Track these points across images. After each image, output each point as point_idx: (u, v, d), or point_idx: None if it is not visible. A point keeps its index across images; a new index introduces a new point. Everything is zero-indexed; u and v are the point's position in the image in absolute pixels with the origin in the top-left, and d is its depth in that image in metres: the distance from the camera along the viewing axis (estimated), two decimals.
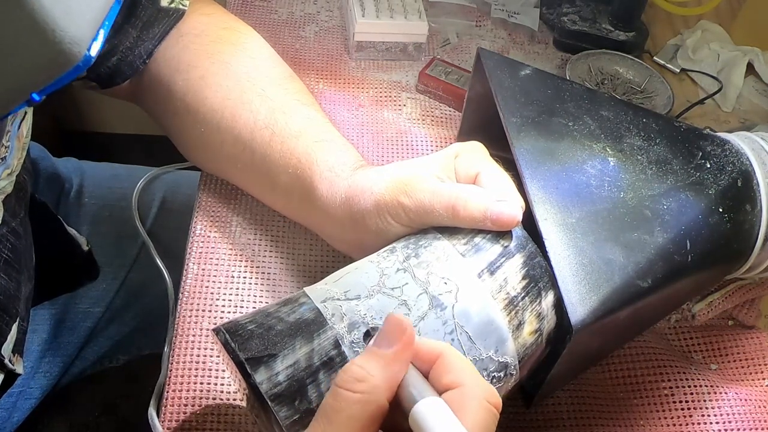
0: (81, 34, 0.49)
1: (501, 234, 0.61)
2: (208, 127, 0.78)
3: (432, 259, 0.59)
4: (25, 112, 0.71)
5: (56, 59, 0.49)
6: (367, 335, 0.53)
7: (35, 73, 0.49)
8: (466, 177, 0.65)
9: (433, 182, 0.64)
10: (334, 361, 0.53)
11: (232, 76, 0.79)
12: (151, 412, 0.69)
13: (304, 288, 0.59)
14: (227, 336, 0.54)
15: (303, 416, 0.51)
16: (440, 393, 0.49)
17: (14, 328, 0.74)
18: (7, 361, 0.74)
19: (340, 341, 0.54)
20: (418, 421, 0.46)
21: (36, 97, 0.50)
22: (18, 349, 0.77)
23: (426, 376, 0.50)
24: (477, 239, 0.60)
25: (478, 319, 0.56)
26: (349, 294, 0.56)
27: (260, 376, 0.52)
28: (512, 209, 0.60)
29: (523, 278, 0.58)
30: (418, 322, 0.55)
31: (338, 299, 0.56)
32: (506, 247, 0.60)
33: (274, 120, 0.75)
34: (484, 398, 0.48)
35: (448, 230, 0.62)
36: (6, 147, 0.68)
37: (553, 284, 0.59)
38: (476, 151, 0.67)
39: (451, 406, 0.47)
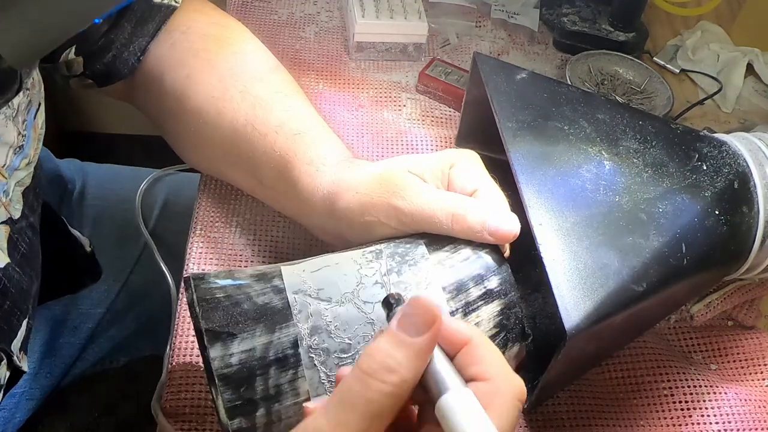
0: None
1: (489, 275, 0.60)
2: (197, 126, 0.78)
3: (412, 283, 0.58)
4: (40, 103, 0.72)
5: None
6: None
7: None
8: (461, 191, 0.65)
9: (431, 188, 0.64)
10: (289, 361, 0.53)
11: (216, 73, 0.78)
12: (155, 405, 0.69)
13: (281, 266, 0.59)
14: (195, 297, 0.54)
15: (244, 404, 0.52)
16: (467, 382, 0.48)
17: (24, 324, 0.75)
18: (15, 357, 0.74)
19: (299, 342, 0.54)
20: (446, 414, 0.45)
21: (97, 20, 0.52)
22: (24, 346, 0.77)
23: (450, 358, 0.49)
24: (462, 274, 0.59)
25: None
26: (322, 294, 0.56)
27: (215, 352, 0.52)
28: (511, 223, 0.60)
29: (495, 326, 0.58)
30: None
31: (310, 295, 0.56)
32: (489, 290, 0.59)
33: (254, 116, 0.75)
34: (515, 396, 0.47)
35: (437, 248, 0.61)
36: (23, 135, 0.68)
37: (523, 336, 0.59)
38: (473, 164, 0.66)
39: (479, 400, 0.46)
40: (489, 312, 0.58)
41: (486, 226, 0.60)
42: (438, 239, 0.62)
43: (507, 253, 0.63)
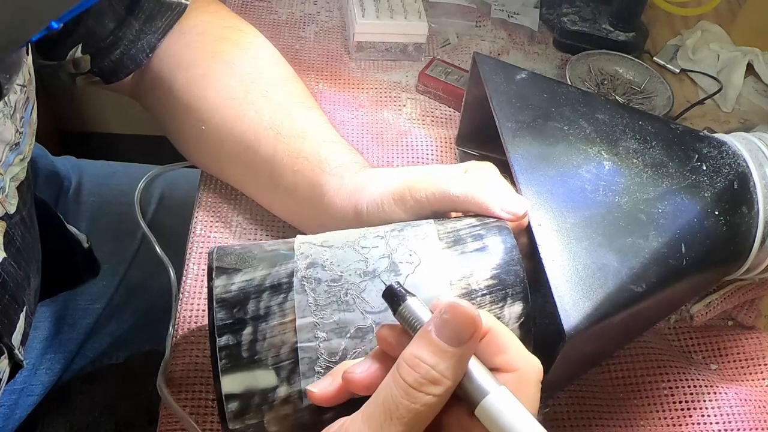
0: None
1: (488, 235, 0.60)
2: (209, 126, 0.78)
3: (411, 236, 0.59)
4: (34, 99, 0.72)
5: None
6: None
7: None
8: None
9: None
10: (282, 287, 0.56)
11: (235, 75, 0.79)
12: (160, 384, 0.70)
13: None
14: (214, 250, 0.59)
15: (234, 323, 0.54)
16: (491, 370, 0.49)
17: (22, 318, 0.75)
18: (16, 351, 0.75)
19: (294, 272, 0.56)
20: (493, 415, 0.47)
21: (55, 24, 0.51)
22: (23, 341, 0.77)
23: None
24: (463, 232, 0.60)
25: (426, 295, 0.55)
26: (326, 243, 0.59)
27: (219, 282, 0.56)
28: (524, 199, 0.61)
29: (492, 278, 0.58)
30: (368, 279, 0.56)
31: (314, 244, 0.59)
32: (486, 245, 0.59)
33: (279, 122, 0.76)
34: (538, 380, 0.49)
35: (444, 221, 0.62)
36: (20, 132, 0.69)
37: (526, 299, 0.58)
38: (489, 168, 0.67)
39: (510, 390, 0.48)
40: (486, 263, 0.58)
41: (500, 198, 0.60)
42: (447, 218, 0.63)
43: (526, 222, 0.63)
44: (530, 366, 0.50)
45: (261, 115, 0.76)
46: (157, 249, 0.87)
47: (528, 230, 0.62)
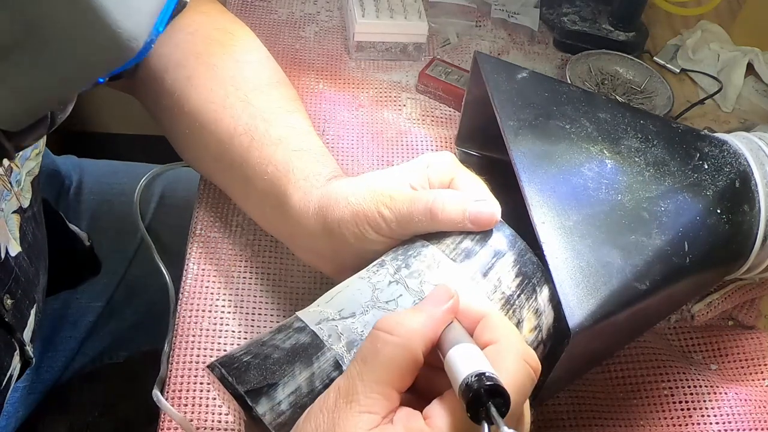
0: (139, 30, 0.49)
1: (488, 235, 0.60)
2: (192, 129, 0.78)
3: (423, 268, 0.58)
4: None
5: (117, 54, 0.50)
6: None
7: (98, 65, 0.50)
8: (440, 184, 0.65)
9: (410, 191, 0.64)
10: None
11: (218, 79, 0.78)
12: (156, 392, 0.69)
13: (297, 312, 0.58)
14: (223, 371, 0.53)
15: None
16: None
17: (33, 314, 0.75)
18: (27, 347, 0.74)
19: (340, 361, 0.53)
20: (451, 365, 0.48)
21: (101, 80, 0.52)
22: (34, 337, 0.77)
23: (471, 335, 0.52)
24: (465, 243, 0.59)
25: None
26: (344, 312, 0.55)
27: (262, 408, 0.51)
28: (490, 207, 0.60)
29: (517, 276, 0.58)
30: None
31: (333, 319, 0.55)
32: (495, 247, 0.59)
33: (254, 127, 0.75)
34: (520, 355, 0.50)
35: (435, 237, 0.61)
36: None
37: (547, 278, 0.59)
38: (446, 158, 0.67)
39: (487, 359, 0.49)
40: (506, 265, 0.58)
41: (466, 214, 0.60)
42: (432, 233, 0.62)
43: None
44: (513, 342, 0.51)
45: (237, 120, 0.75)
46: (155, 255, 0.86)
47: (531, 228, 0.62)
